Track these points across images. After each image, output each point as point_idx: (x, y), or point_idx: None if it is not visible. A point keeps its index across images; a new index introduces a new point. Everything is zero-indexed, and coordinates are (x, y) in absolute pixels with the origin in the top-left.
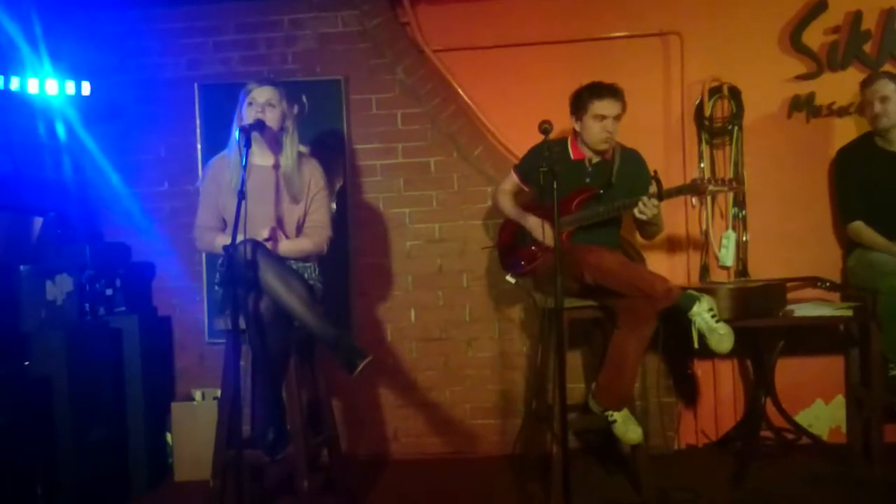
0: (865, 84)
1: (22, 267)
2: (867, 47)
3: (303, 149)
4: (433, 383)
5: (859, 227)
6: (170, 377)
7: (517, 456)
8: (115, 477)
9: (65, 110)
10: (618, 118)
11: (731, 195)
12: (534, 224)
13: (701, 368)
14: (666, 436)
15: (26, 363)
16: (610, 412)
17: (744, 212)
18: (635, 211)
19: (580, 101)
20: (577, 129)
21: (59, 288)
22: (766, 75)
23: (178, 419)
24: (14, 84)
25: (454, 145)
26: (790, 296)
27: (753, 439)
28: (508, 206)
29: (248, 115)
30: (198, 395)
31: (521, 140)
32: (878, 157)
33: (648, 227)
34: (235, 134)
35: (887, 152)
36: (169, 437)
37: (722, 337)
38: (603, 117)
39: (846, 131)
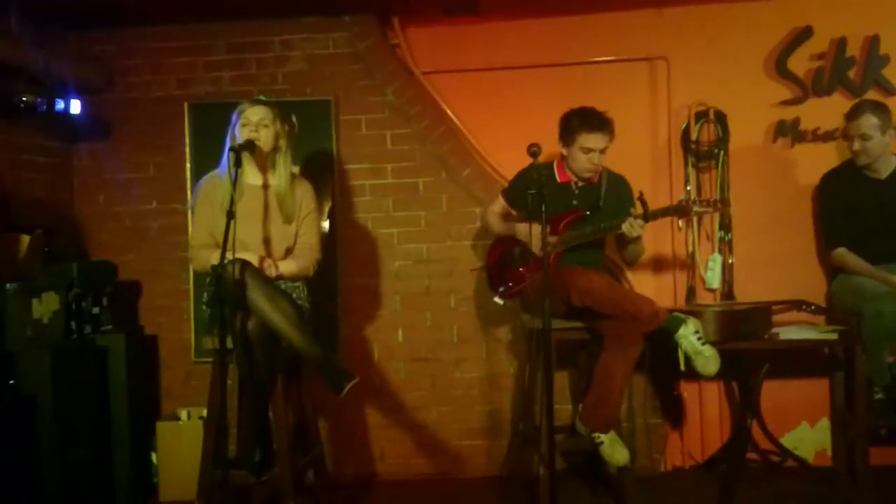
0: (850, 117)
1: (8, 285)
2: (852, 73)
3: (294, 169)
4: (420, 404)
5: (843, 253)
6: (156, 396)
7: (504, 477)
8: (100, 496)
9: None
10: (604, 150)
11: (717, 218)
12: (522, 229)
13: (687, 390)
14: (652, 457)
15: (11, 382)
16: (597, 434)
17: (730, 235)
18: (623, 227)
19: (569, 128)
20: (564, 153)
21: (46, 306)
22: (752, 100)
23: (164, 438)
24: None
25: (443, 166)
26: (776, 319)
27: (739, 461)
28: (496, 222)
29: (241, 134)
30: (184, 414)
31: (510, 162)
32: (862, 182)
33: (631, 251)
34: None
35: (871, 179)
36: (154, 456)
37: (708, 359)
38: (590, 150)
39: (830, 156)
